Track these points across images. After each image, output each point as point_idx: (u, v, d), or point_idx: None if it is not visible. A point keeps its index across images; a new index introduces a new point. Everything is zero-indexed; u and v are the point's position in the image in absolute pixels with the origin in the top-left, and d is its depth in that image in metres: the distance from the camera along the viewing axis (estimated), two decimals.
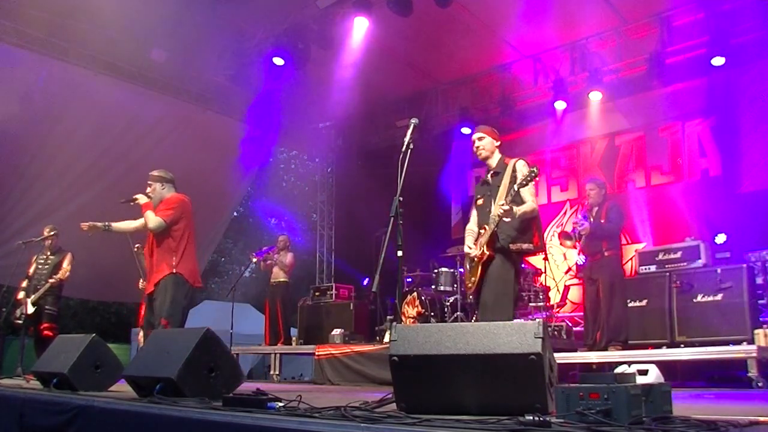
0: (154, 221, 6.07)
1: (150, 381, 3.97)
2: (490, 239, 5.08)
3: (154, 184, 6.30)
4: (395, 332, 3.15)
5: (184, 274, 6.06)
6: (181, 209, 6.19)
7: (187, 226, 6.23)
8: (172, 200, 6.23)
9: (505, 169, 5.28)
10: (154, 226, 6.07)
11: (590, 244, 7.93)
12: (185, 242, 6.19)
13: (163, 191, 6.28)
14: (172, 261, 6.07)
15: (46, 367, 5.26)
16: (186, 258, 6.16)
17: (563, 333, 8.97)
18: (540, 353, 2.78)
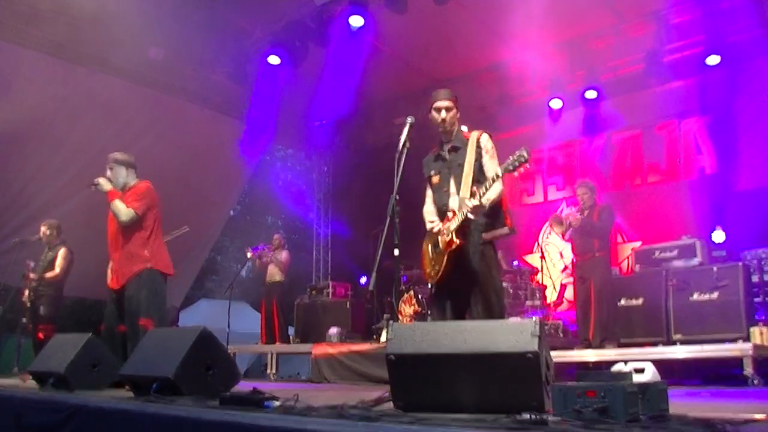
0: (127, 214, 5.70)
1: (147, 380, 3.96)
2: (460, 227, 4.49)
3: (117, 167, 5.90)
4: (392, 331, 3.15)
5: (159, 267, 5.79)
6: (150, 198, 5.85)
7: (157, 216, 5.93)
8: (140, 189, 5.86)
9: (465, 143, 4.71)
10: (127, 219, 5.71)
11: (581, 243, 8.02)
12: (156, 233, 5.89)
13: (128, 178, 5.92)
14: (144, 254, 5.75)
15: (42, 367, 5.26)
16: (158, 249, 5.88)
17: (560, 331, 8.99)
18: (537, 351, 2.78)
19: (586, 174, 10.46)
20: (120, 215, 5.71)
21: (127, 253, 5.76)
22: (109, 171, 5.88)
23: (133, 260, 5.73)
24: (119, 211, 5.71)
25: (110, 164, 5.91)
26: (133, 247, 5.75)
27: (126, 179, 5.90)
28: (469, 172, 4.60)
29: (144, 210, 5.76)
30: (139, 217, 5.74)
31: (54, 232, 8.59)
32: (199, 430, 2.95)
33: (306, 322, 10.99)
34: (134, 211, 5.71)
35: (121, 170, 5.90)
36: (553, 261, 10.84)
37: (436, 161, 4.86)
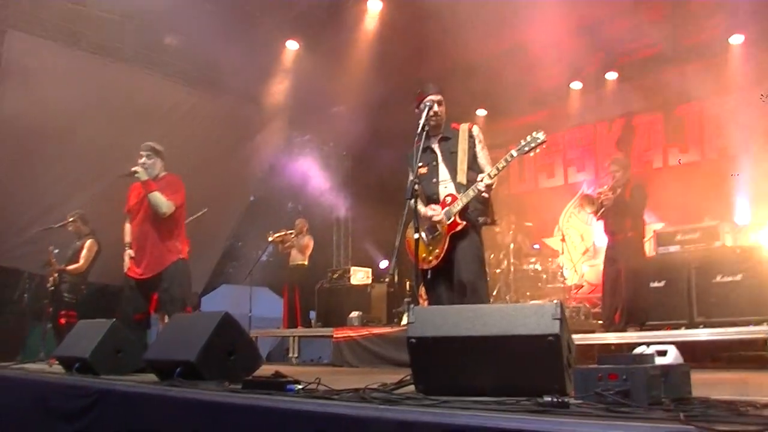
0: (168, 206, 5.79)
1: (170, 364, 4.00)
2: (462, 210, 4.68)
3: (155, 157, 5.98)
4: (413, 314, 3.15)
5: (186, 257, 5.94)
6: (183, 192, 5.97)
7: (184, 207, 6.07)
8: (175, 182, 5.96)
9: (456, 134, 4.88)
10: (168, 211, 5.79)
11: (613, 222, 7.84)
12: (183, 224, 6.06)
13: (160, 168, 6.00)
14: (177, 245, 5.87)
15: (68, 352, 5.32)
16: (184, 240, 6.01)
17: (581, 314, 8.96)
18: (558, 334, 2.77)
19: (607, 156, 10.37)
20: (161, 207, 5.77)
21: (159, 243, 5.82)
22: (145, 159, 5.91)
23: (167, 251, 5.81)
24: (160, 203, 5.77)
25: (147, 152, 5.94)
26: (165, 238, 5.83)
27: (158, 170, 5.98)
28: (463, 158, 4.77)
29: (179, 203, 5.89)
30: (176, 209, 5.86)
31: (80, 223, 8.68)
32: (222, 414, 2.98)
33: (327, 306, 11.03)
34: (173, 203, 5.81)
35: (157, 161, 5.97)
36: (573, 243, 10.79)
37: (423, 153, 4.85)
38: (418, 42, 10.80)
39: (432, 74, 11.11)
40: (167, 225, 5.86)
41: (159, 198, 5.77)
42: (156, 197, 5.77)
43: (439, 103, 4.84)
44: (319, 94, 12.38)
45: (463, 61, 11.21)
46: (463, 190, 4.68)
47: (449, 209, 4.71)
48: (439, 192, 4.81)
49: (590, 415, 2.17)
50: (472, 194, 4.61)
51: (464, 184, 4.71)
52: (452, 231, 4.69)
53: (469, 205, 4.69)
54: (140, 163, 5.90)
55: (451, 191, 4.76)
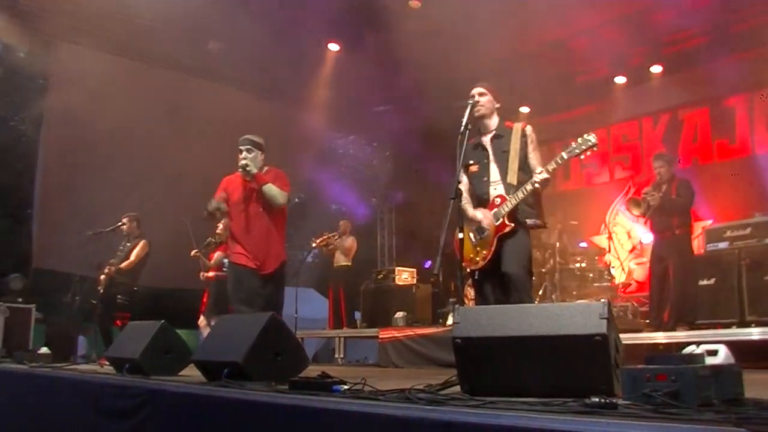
0: (283, 196, 5.62)
1: (218, 365, 4.05)
2: (511, 211, 4.65)
3: (256, 151, 5.71)
4: (458, 314, 3.14)
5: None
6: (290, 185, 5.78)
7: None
8: (283, 175, 5.75)
9: (509, 133, 4.83)
10: (285, 202, 5.64)
11: (660, 221, 7.70)
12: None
13: (262, 161, 5.76)
14: (284, 244, 5.78)
15: (118, 353, 5.42)
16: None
17: (629, 313, 8.84)
18: (605, 334, 2.74)
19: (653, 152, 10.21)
20: (278, 198, 5.60)
21: (269, 237, 5.66)
22: (246, 153, 5.66)
23: (278, 250, 5.70)
24: (276, 194, 5.59)
25: (246, 146, 5.69)
26: (278, 235, 5.71)
27: (261, 163, 5.76)
28: (515, 158, 4.71)
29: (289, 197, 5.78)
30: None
31: (135, 225, 8.86)
32: (269, 414, 3.01)
33: (372, 306, 11.06)
34: (286, 194, 5.68)
35: (258, 154, 5.72)
36: (621, 241, 10.64)
37: (474, 150, 4.90)
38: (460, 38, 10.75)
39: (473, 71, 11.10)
40: (278, 220, 5.72)
41: (274, 190, 5.59)
42: (271, 189, 5.58)
43: (480, 95, 4.84)
44: (363, 95, 12.42)
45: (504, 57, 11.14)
46: (513, 191, 4.63)
47: (498, 210, 4.68)
48: (489, 192, 4.78)
49: (638, 416, 2.14)
50: (522, 195, 4.58)
51: (514, 185, 4.65)
52: (500, 233, 4.66)
53: (519, 207, 4.65)
54: (241, 157, 5.64)
55: (501, 192, 4.72)
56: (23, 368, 6.48)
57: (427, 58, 10.52)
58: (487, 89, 4.90)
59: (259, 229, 5.64)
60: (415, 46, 10.13)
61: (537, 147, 4.84)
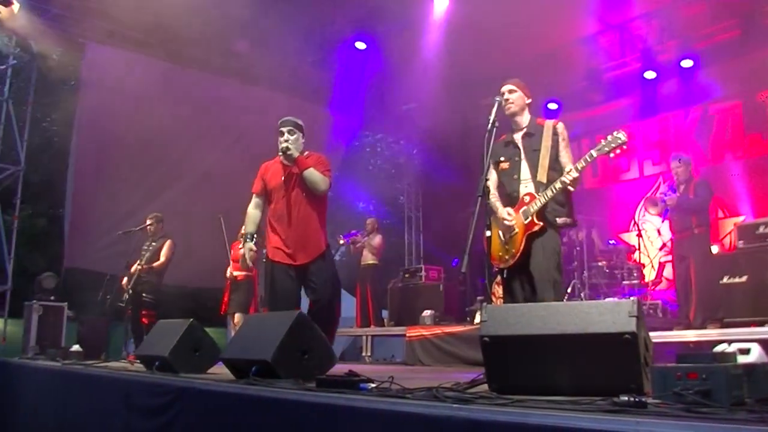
0: (325, 181, 5.29)
1: (246, 363, 4.07)
2: (540, 210, 4.61)
3: (297, 133, 5.41)
4: (485, 313, 3.13)
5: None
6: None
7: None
8: (325, 160, 5.45)
9: (540, 130, 4.78)
10: (327, 188, 5.31)
11: (679, 220, 7.75)
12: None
13: (303, 145, 5.45)
14: (325, 231, 5.42)
15: (148, 351, 5.48)
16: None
17: (659, 311, 8.76)
18: (635, 332, 2.71)
19: (683, 147, 10.08)
20: (320, 184, 5.27)
21: (308, 225, 5.33)
22: (288, 135, 5.38)
23: (318, 237, 5.36)
24: (318, 180, 5.26)
25: (288, 128, 5.41)
26: (317, 222, 5.37)
27: (302, 147, 5.45)
28: (545, 156, 4.66)
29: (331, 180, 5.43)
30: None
31: (159, 224, 8.97)
32: (297, 411, 3.02)
33: (400, 305, 11.07)
34: (329, 180, 5.34)
35: (299, 136, 5.42)
36: (650, 239, 10.52)
37: (506, 147, 4.89)
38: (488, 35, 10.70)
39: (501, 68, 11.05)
40: (319, 207, 5.39)
41: (316, 175, 5.26)
42: (313, 174, 5.25)
43: (510, 92, 4.82)
44: (390, 92, 12.41)
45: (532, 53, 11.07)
46: (543, 190, 4.60)
47: (527, 209, 4.64)
48: (519, 190, 4.75)
49: (668, 415, 2.11)
50: (551, 194, 4.54)
51: (544, 183, 4.62)
52: (529, 231, 4.62)
53: (548, 205, 4.62)
54: (282, 140, 5.36)
55: (531, 190, 4.69)
56: (56, 365, 6.59)
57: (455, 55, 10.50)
58: (517, 85, 4.86)
59: (299, 217, 5.33)
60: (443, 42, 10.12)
61: (568, 145, 4.80)
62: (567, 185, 4.48)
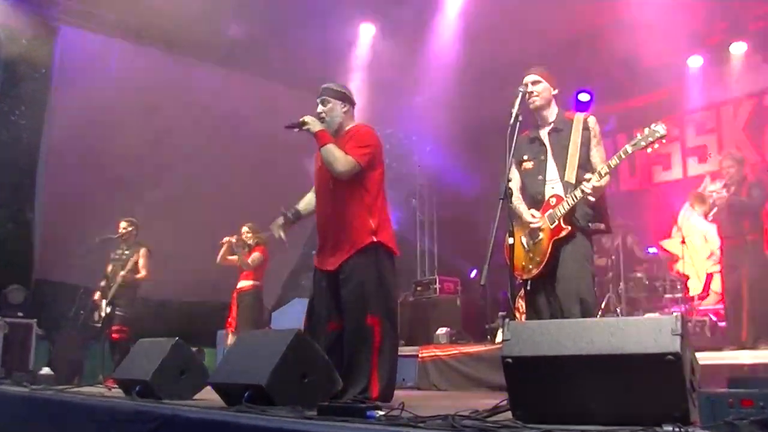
0: (347, 163, 4.76)
1: (238, 388, 4.07)
2: (567, 213, 4.59)
3: (333, 101, 5.02)
4: (508, 330, 3.12)
5: (387, 242, 4.89)
6: (376, 147, 4.97)
7: (383, 172, 5.04)
8: (365, 134, 4.96)
9: (569, 125, 4.75)
10: (345, 170, 4.76)
11: (729, 224, 7.68)
12: (381, 197, 5.00)
13: (344, 115, 5.04)
14: (369, 223, 4.83)
15: (127, 374, 5.48)
16: (386, 219, 5.00)
17: (706, 329, 8.71)
18: (679, 353, 2.69)
19: (733, 143, 10.04)
20: (336, 164, 4.77)
21: (344, 220, 4.90)
22: (321, 106, 5.03)
23: (355, 231, 4.84)
24: (335, 158, 4.76)
25: (322, 96, 5.05)
26: (353, 212, 4.87)
27: (343, 119, 5.04)
28: (575, 154, 4.65)
29: (369, 161, 4.87)
30: (363, 170, 4.84)
31: (134, 230, 8.93)
32: None
33: (411, 321, 11.06)
34: (356, 160, 4.79)
35: (337, 105, 5.03)
36: (695, 246, 10.47)
37: (530, 144, 4.87)
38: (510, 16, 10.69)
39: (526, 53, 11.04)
40: (356, 194, 4.88)
41: (335, 152, 4.77)
42: (329, 152, 4.77)
43: (534, 83, 4.79)
44: (401, 83, 12.41)
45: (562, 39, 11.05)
46: (571, 191, 4.59)
47: (553, 212, 4.64)
48: (545, 192, 4.75)
49: None
50: (581, 195, 4.52)
51: (572, 184, 4.61)
52: (555, 237, 4.61)
53: (578, 208, 4.61)
54: (317, 111, 5.02)
55: (559, 192, 4.68)
56: (23, 391, 6.58)
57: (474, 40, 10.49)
58: (542, 75, 4.83)
59: (333, 209, 4.97)
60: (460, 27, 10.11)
61: (601, 141, 4.79)
62: (588, 195, 4.45)
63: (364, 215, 4.85)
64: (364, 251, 4.80)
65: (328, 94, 5.04)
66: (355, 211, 4.86)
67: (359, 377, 4.63)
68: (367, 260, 4.79)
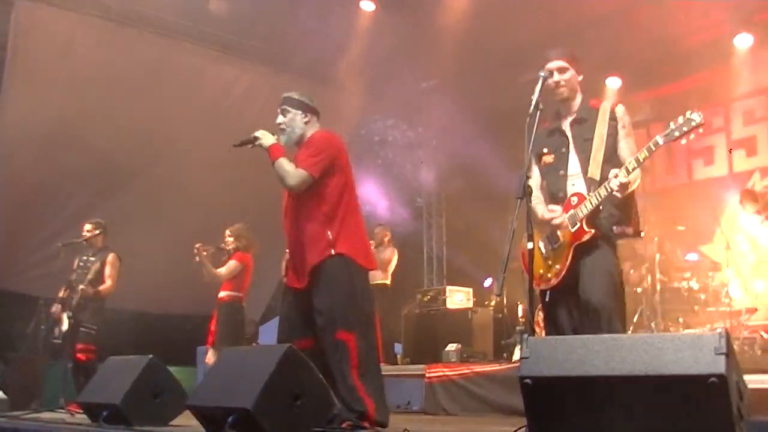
0: (296, 175, 5.02)
1: (220, 412, 4.07)
2: (590, 214, 4.54)
3: (293, 112, 5.26)
4: (527, 347, 3.13)
5: (351, 254, 5.08)
6: (330, 152, 5.15)
7: (346, 182, 5.23)
8: (319, 141, 5.18)
9: (594, 115, 4.74)
10: (296, 183, 5.02)
11: None
12: (345, 204, 5.18)
13: (305, 126, 5.25)
14: (327, 236, 5.04)
15: (93, 397, 5.48)
16: (347, 229, 5.14)
17: (756, 348, 8.69)
18: (723, 375, 2.69)
19: None
20: (287, 179, 5.06)
21: (302, 235, 5.16)
22: (281, 116, 5.28)
23: (313, 245, 5.09)
24: (286, 172, 5.04)
25: (282, 106, 5.30)
26: (311, 226, 5.12)
27: (304, 130, 5.27)
28: (600, 147, 4.63)
29: (322, 169, 5.07)
30: (315, 181, 5.06)
31: (101, 234, 8.85)
32: None
33: (416, 337, 11.07)
34: (306, 171, 5.03)
35: (297, 116, 5.27)
36: (742, 252, 10.45)
37: (550, 137, 4.86)
38: None
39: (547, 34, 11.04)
40: (313, 207, 5.13)
41: (283, 166, 5.06)
42: (280, 166, 5.06)
43: (560, 71, 4.75)
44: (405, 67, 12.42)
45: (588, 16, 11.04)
46: (595, 189, 4.55)
47: (574, 212, 4.59)
48: (566, 189, 4.71)
49: None
50: (605, 194, 4.48)
51: (597, 181, 4.57)
52: (577, 241, 4.57)
53: (603, 208, 4.57)
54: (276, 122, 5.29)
55: (581, 189, 4.65)
56: None
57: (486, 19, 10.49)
58: (569, 61, 4.79)
59: (292, 224, 5.27)
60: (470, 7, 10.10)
61: (631, 132, 4.76)
62: (613, 192, 4.41)
63: (320, 228, 5.08)
64: (323, 266, 5.03)
65: (288, 104, 5.28)
66: (312, 223, 5.12)
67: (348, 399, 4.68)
68: (329, 275, 5.01)
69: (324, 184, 5.10)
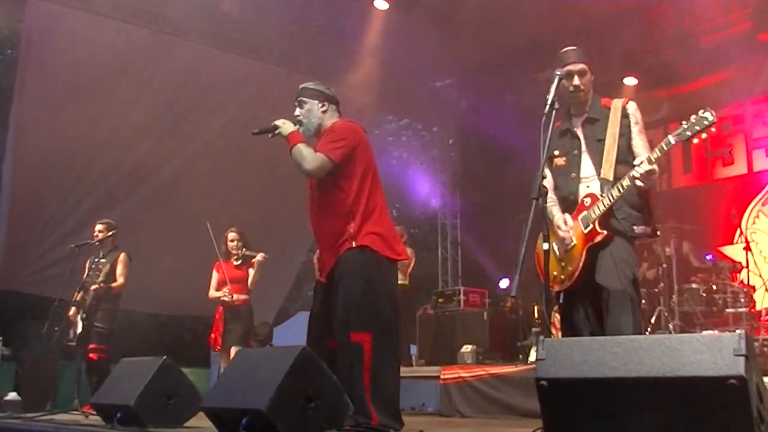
0: (314, 159, 4.80)
1: (234, 414, 4.08)
2: (604, 215, 4.53)
3: (310, 102, 5.13)
4: (543, 348, 3.12)
5: (374, 246, 4.85)
6: (354, 140, 4.97)
7: (367, 170, 5.02)
8: (340, 128, 5.00)
9: (605, 114, 4.73)
10: (314, 167, 4.81)
11: None
12: (367, 192, 4.97)
13: (323, 115, 5.10)
14: (348, 228, 4.87)
15: (107, 399, 5.50)
16: (368, 218, 4.93)
17: None
18: (743, 377, 2.68)
19: None
20: (303, 163, 4.84)
21: (324, 227, 5.03)
22: (298, 108, 5.14)
23: (333, 237, 4.93)
24: (302, 157, 4.83)
25: (299, 98, 5.17)
26: (333, 219, 4.94)
27: (322, 119, 5.11)
28: (612, 147, 4.61)
29: (342, 156, 4.87)
30: (335, 167, 4.87)
31: (111, 234, 8.87)
32: None
33: (431, 338, 11.06)
34: (326, 155, 4.84)
35: (315, 106, 5.13)
36: (762, 253, 10.42)
37: (561, 138, 4.83)
38: None
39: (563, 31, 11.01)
40: (333, 197, 4.95)
41: (300, 150, 4.85)
42: (297, 150, 4.86)
43: (580, 74, 4.73)
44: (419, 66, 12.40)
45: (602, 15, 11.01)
46: (608, 189, 4.53)
47: (587, 214, 4.58)
48: (578, 192, 4.70)
49: None
50: (618, 194, 4.46)
51: (610, 181, 4.55)
52: (590, 243, 4.56)
53: (619, 209, 4.55)
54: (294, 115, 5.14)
55: (595, 191, 4.62)
56: None
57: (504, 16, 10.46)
58: (587, 63, 4.78)
59: (315, 216, 5.11)
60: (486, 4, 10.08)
61: (643, 130, 4.73)
62: (637, 180, 4.37)
63: (341, 219, 4.89)
64: (344, 260, 4.84)
65: (304, 95, 5.15)
66: (333, 216, 4.93)
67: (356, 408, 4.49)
68: (348, 269, 4.82)
69: (345, 174, 4.91)
